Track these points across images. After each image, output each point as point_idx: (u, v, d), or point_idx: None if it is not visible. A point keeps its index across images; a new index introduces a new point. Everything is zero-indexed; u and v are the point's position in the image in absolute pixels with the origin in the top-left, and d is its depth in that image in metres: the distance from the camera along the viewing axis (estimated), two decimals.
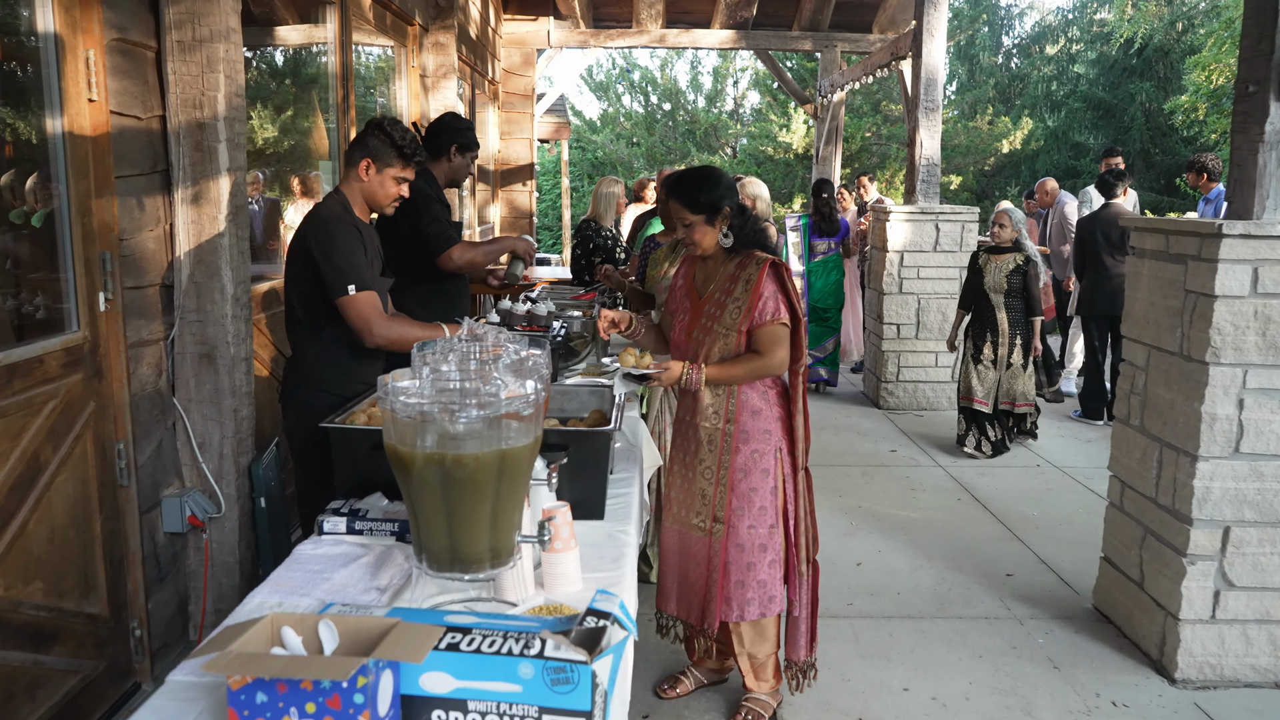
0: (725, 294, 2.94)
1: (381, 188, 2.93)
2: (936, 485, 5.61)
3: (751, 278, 2.89)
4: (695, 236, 2.94)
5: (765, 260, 2.91)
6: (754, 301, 2.87)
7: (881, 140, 18.07)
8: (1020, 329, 6.02)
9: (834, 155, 11.95)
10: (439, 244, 3.86)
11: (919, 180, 7.51)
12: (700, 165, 3.07)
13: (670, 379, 2.89)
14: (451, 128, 4.05)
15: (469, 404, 1.80)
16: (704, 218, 2.91)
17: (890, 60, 8.36)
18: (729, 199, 2.91)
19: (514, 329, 4.03)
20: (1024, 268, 5.94)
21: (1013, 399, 6.11)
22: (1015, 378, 6.08)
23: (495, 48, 10.70)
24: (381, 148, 2.89)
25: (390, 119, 2.94)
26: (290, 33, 5.32)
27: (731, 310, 2.90)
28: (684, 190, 2.94)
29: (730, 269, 2.96)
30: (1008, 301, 6.00)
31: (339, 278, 2.80)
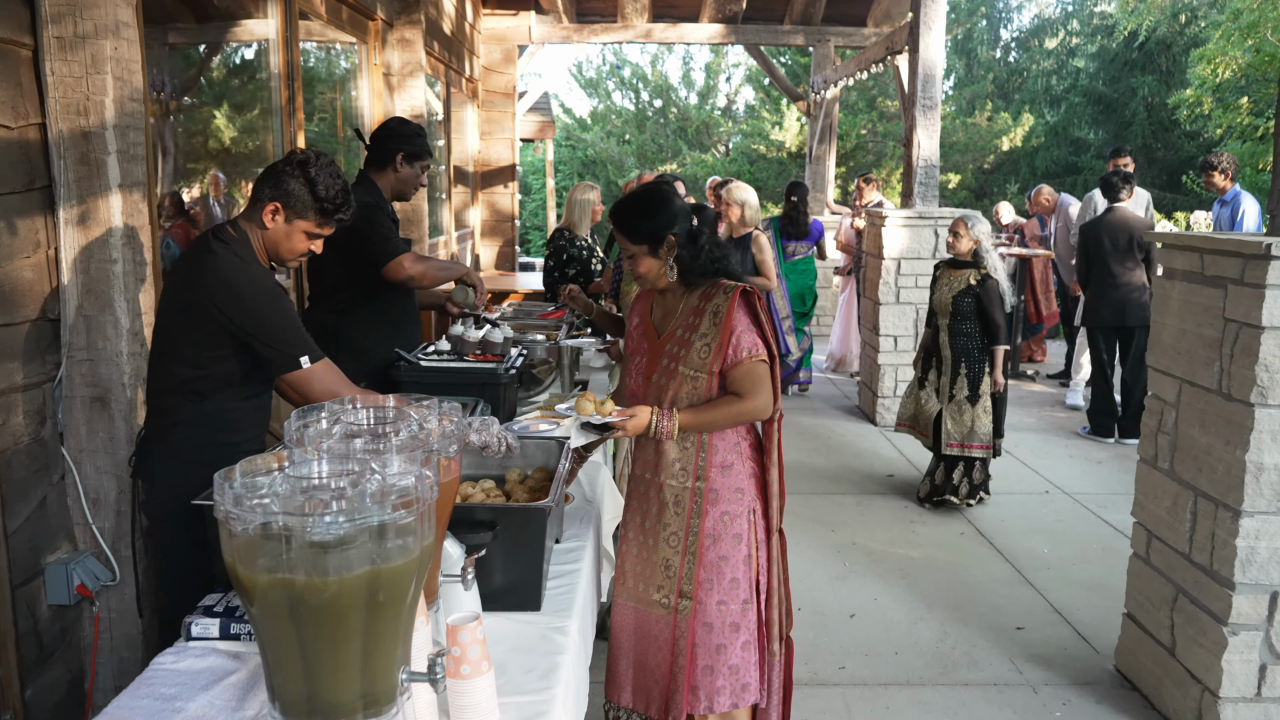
0: (690, 330, 2.51)
1: (287, 240, 2.42)
2: (938, 516, 5.17)
3: (720, 310, 2.47)
4: (639, 269, 2.54)
5: (734, 289, 2.49)
6: (726, 337, 2.45)
7: (878, 138, 17.62)
8: (967, 358, 5.05)
9: (828, 154, 11.51)
10: (386, 250, 3.43)
11: (916, 183, 7.07)
12: (646, 186, 2.64)
13: (637, 428, 2.46)
14: (398, 134, 3.60)
15: (330, 510, 1.37)
16: (646, 248, 2.51)
17: (885, 55, 7.91)
18: (675, 226, 2.49)
19: (465, 358, 3.60)
20: (976, 288, 4.99)
21: (962, 439, 5.10)
22: (962, 413, 5.07)
23: (474, 44, 10.24)
24: (299, 194, 2.36)
25: (323, 159, 2.41)
26: (226, 29, 4.88)
27: (699, 348, 2.48)
28: (623, 217, 2.54)
29: (694, 301, 2.54)
30: (952, 325, 5.09)
31: (286, 352, 2.37)
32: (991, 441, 5.12)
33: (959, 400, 5.10)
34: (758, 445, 2.63)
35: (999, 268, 5.04)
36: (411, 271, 3.45)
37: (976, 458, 5.15)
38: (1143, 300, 6.53)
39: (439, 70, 8.56)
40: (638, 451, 2.66)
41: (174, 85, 4.67)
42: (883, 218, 6.92)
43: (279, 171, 2.38)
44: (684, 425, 2.47)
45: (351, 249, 3.45)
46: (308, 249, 2.47)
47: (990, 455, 5.16)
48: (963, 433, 5.10)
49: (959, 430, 5.10)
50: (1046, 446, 6.55)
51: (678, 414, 2.47)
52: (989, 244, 5.10)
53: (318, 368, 2.40)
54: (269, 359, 2.38)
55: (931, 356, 5.28)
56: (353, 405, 1.86)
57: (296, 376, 2.38)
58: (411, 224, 7.05)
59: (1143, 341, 6.64)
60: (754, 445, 2.61)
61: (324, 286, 3.58)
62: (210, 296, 2.32)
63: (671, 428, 2.46)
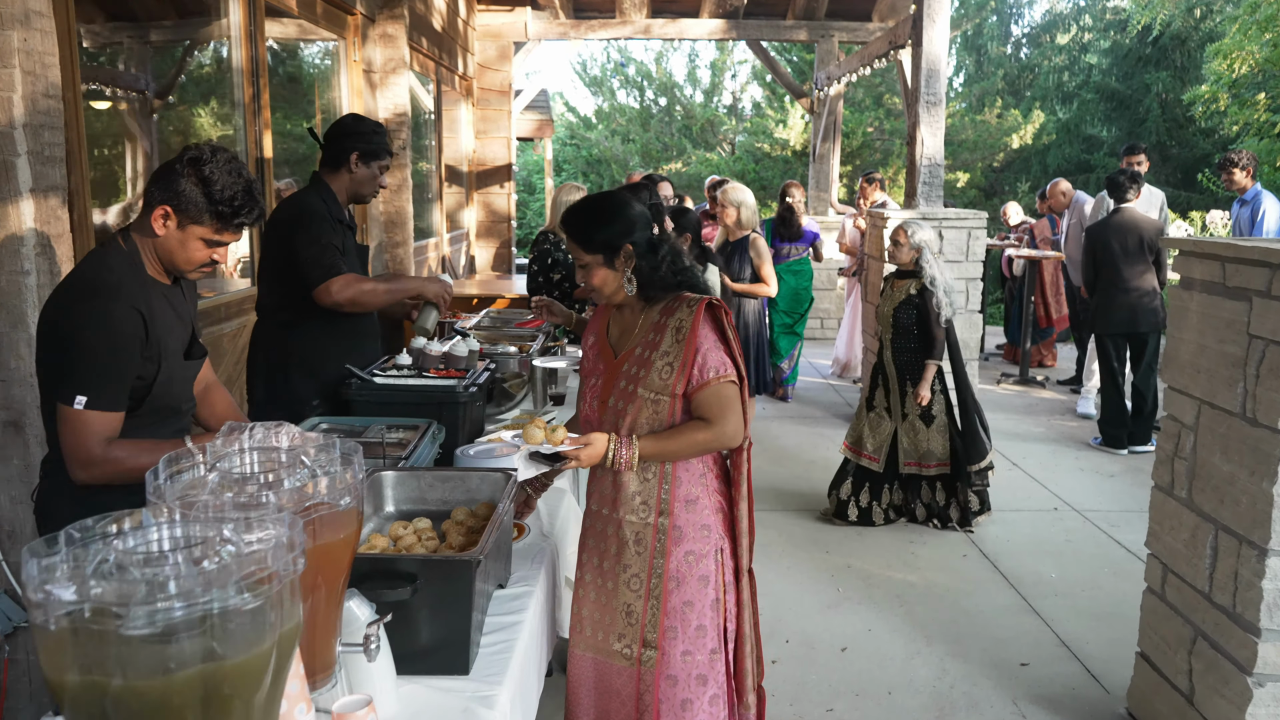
0: (650, 348, 2.25)
1: (182, 249, 2.10)
2: (939, 536, 4.89)
3: (684, 325, 2.21)
4: (594, 281, 2.28)
5: (699, 302, 2.23)
6: (690, 355, 2.19)
7: (884, 135, 17.30)
8: (911, 376, 4.82)
9: (832, 152, 11.22)
10: (315, 271, 3.17)
11: (920, 182, 6.78)
12: (603, 192, 2.40)
13: (591, 458, 2.20)
14: (351, 132, 3.34)
15: (155, 594, 1.11)
16: (601, 258, 2.26)
17: (888, 50, 7.63)
18: (633, 235, 2.24)
19: (426, 373, 3.34)
20: (916, 299, 4.74)
21: (919, 458, 4.84)
22: (915, 432, 4.82)
23: (468, 40, 10.00)
24: (191, 196, 2.05)
25: (220, 155, 2.10)
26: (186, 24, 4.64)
27: (661, 368, 2.22)
28: (576, 225, 2.28)
29: (654, 316, 2.28)
30: (895, 341, 4.84)
31: (63, 384, 2.04)
32: (947, 460, 4.84)
33: (911, 419, 4.85)
34: (725, 477, 2.37)
35: (938, 279, 4.73)
36: (339, 298, 3.17)
37: (935, 476, 4.89)
38: (1154, 305, 6.24)
39: (428, 67, 8.32)
40: (594, 484, 2.40)
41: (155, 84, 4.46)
42: (884, 218, 6.63)
43: (169, 170, 2.08)
44: (644, 454, 2.22)
45: (289, 261, 3.20)
46: (209, 258, 2.16)
47: (948, 472, 4.88)
48: (919, 451, 4.85)
49: (914, 449, 4.86)
50: (1056, 458, 6.26)
51: (637, 442, 2.21)
52: (932, 253, 4.78)
53: (92, 414, 2.03)
54: (48, 385, 2.10)
55: (878, 374, 5.02)
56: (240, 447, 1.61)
57: (60, 413, 2.04)
58: (395, 225, 6.80)
59: (1155, 347, 6.35)
60: (721, 476, 2.36)
61: (271, 298, 3.33)
62: (61, 318, 2.06)
63: (630, 457, 2.21)
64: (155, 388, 2.14)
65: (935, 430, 4.82)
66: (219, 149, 2.14)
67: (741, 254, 5.94)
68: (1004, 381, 8.61)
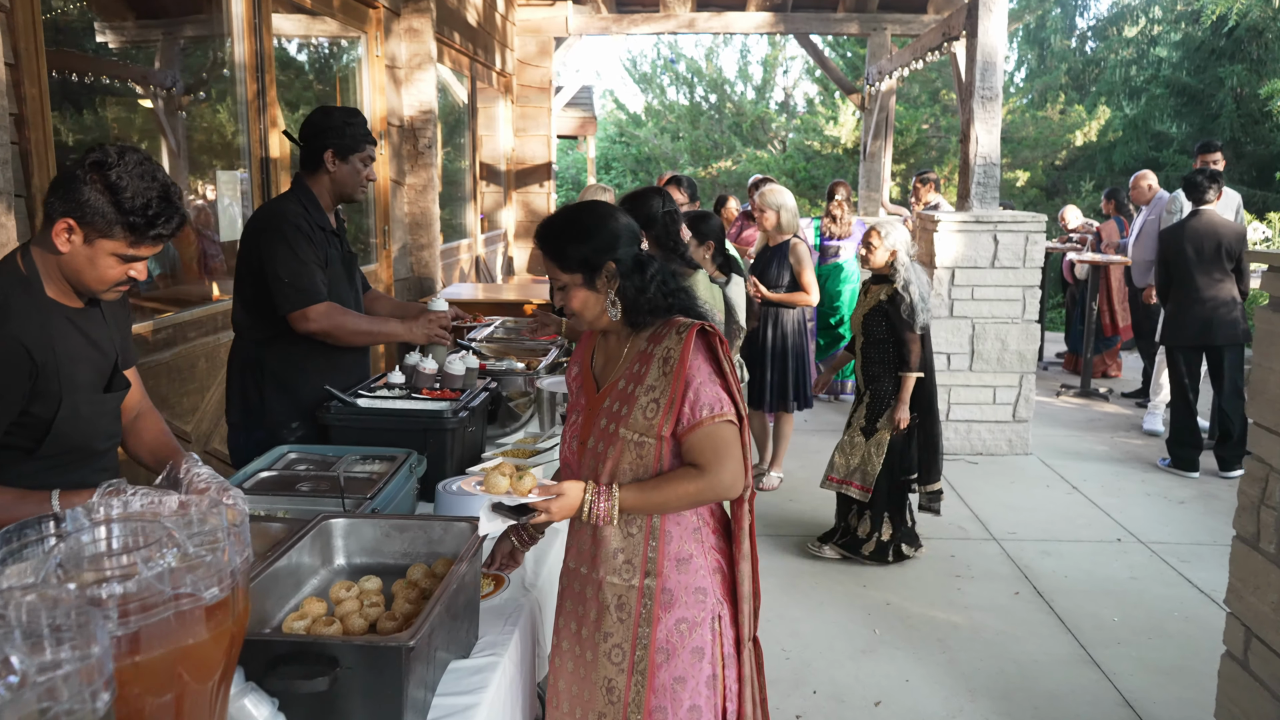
0: (634, 381, 1.93)
1: (91, 267, 1.83)
2: (989, 568, 4.49)
3: (672, 355, 1.89)
4: (573, 304, 1.96)
5: (689, 328, 1.90)
6: (679, 390, 1.87)
7: (940, 133, 16.71)
8: (874, 387, 4.40)
9: (883, 150, 10.77)
10: (292, 295, 2.90)
11: (974, 182, 6.35)
12: (583, 201, 2.08)
13: (565, 510, 1.88)
14: (322, 127, 3.04)
15: None
16: (580, 278, 1.93)
17: (942, 42, 7.19)
18: (617, 251, 1.92)
19: (418, 394, 3.06)
20: (886, 305, 4.31)
21: (844, 475, 4.45)
22: (853, 445, 4.44)
23: (506, 36, 9.74)
24: (98, 206, 1.77)
25: (129, 156, 1.81)
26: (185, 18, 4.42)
27: (645, 406, 1.90)
28: (550, 239, 1.96)
29: (640, 345, 1.96)
30: (864, 350, 4.46)
31: None
32: (871, 484, 4.39)
33: (855, 429, 4.46)
34: (725, 530, 2.04)
35: (914, 282, 4.30)
36: (314, 327, 2.93)
37: (853, 499, 4.47)
38: (1232, 316, 5.75)
39: (462, 63, 8.07)
40: (572, 536, 2.08)
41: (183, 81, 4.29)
42: (934, 221, 6.22)
43: (70, 178, 1.79)
44: (626, 506, 1.89)
45: (263, 276, 2.93)
46: (124, 276, 1.88)
47: (869, 498, 4.43)
48: (847, 467, 4.45)
49: (845, 463, 4.46)
50: (1119, 481, 5.80)
51: (618, 491, 1.89)
52: (908, 255, 4.35)
53: None
54: None
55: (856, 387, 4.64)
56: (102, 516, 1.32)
57: None
58: (420, 227, 6.56)
59: (1235, 362, 5.85)
60: (720, 530, 2.03)
61: (246, 315, 3.06)
62: None
63: (608, 510, 1.89)
64: (57, 426, 1.87)
65: (872, 446, 4.40)
66: (128, 149, 1.84)
67: (781, 260, 5.58)
68: (1064, 393, 8.11)
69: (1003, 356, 6.28)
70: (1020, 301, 6.24)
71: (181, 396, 3.78)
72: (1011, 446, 6.35)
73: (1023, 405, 6.33)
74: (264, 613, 1.78)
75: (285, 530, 2.02)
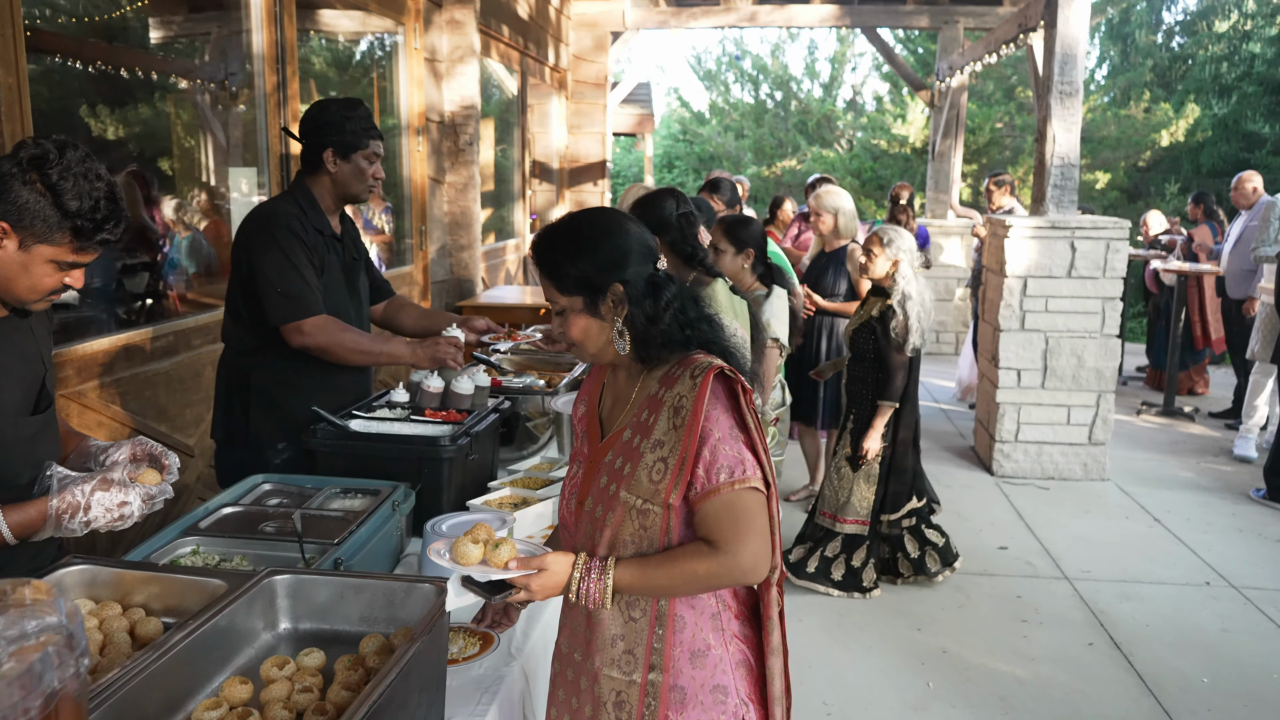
0: (641, 432, 1.59)
1: (25, 274, 1.62)
2: (1060, 611, 4.06)
3: (684, 404, 1.55)
4: (572, 332, 1.63)
5: (705, 370, 1.55)
6: (690, 448, 1.53)
7: (1015, 132, 16.01)
8: (858, 410, 4.07)
9: (953, 149, 10.25)
10: (284, 305, 2.64)
11: (1050, 185, 5.88)
12: (590, 208, 1.75)
13: (548, 589, 1.56)
14: (319, 124, 2.76)
15: None
16: (581, 302, 1.61)
17: (1018, 34, 6.71)
18: (626, 270, 1.59)
19: (413, 417, 2.77)
20: (875, 323, 3.96)
21: (836, 510, 4.11)
22: (840, 477, 4.10)
23: (560, 30, 9.48)
24: (36, 208, 1.57)
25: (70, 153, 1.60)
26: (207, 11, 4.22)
27: (651, 465, 1.56)
28: (546, 253, 1.63)
29: (651, 386, 1.63)
30: (851, 367, 4.14)
31: None
32: (869, 517, 4.08)
33: (840, 459, 4.11)
34: (751, 615, 1.68)
35: (912, 298, 3.90)
36: (310, 341, 2.66)
37: (850, 534, 4.12)
38: None
39: (511, 57, 7.81)
40: (565, 615, 1.76)
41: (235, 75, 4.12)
42: (1006, 226, 5.76)
43: (2, 176, 1.56)
44: (622, 587, 1.56)
45: (252, 283, 2.67)
46: (59, 284, 1.66)
47: (867, 531, 4.10)
48: (837, 501, 4.11)
49: (834, 497, 4.13)
50: (1207, 514, 5.29)
51: (613, 568, 1.55)
52: (910, 266, 3.95)
53: None
54: None
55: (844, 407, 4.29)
56: None
57: None
58: (460, 227, 6.31)
59: None
60: (745, 615, 1.67)
61: (235, 324, 2.81)
62: None
63: (601, 592, 1.55)
64: None
65: (861, 478, 4.06)
66: (68, 144, 1.61)
67: (837, 266, 5.19)
68: (1145, 412, 7.55)
69: (1078, 374, 5.80)
70: (1099, 314, 5.75)
71: (184, 408, 3.55)
72: (1087, 471, 5.87)
73: (1100, 427, 5.84)
74: (176, 695, 1.50)
75: (225, 587, 1.74)
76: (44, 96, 6.18)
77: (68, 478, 1.71)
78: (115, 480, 1.72)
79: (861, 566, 4.17)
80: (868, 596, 4.16)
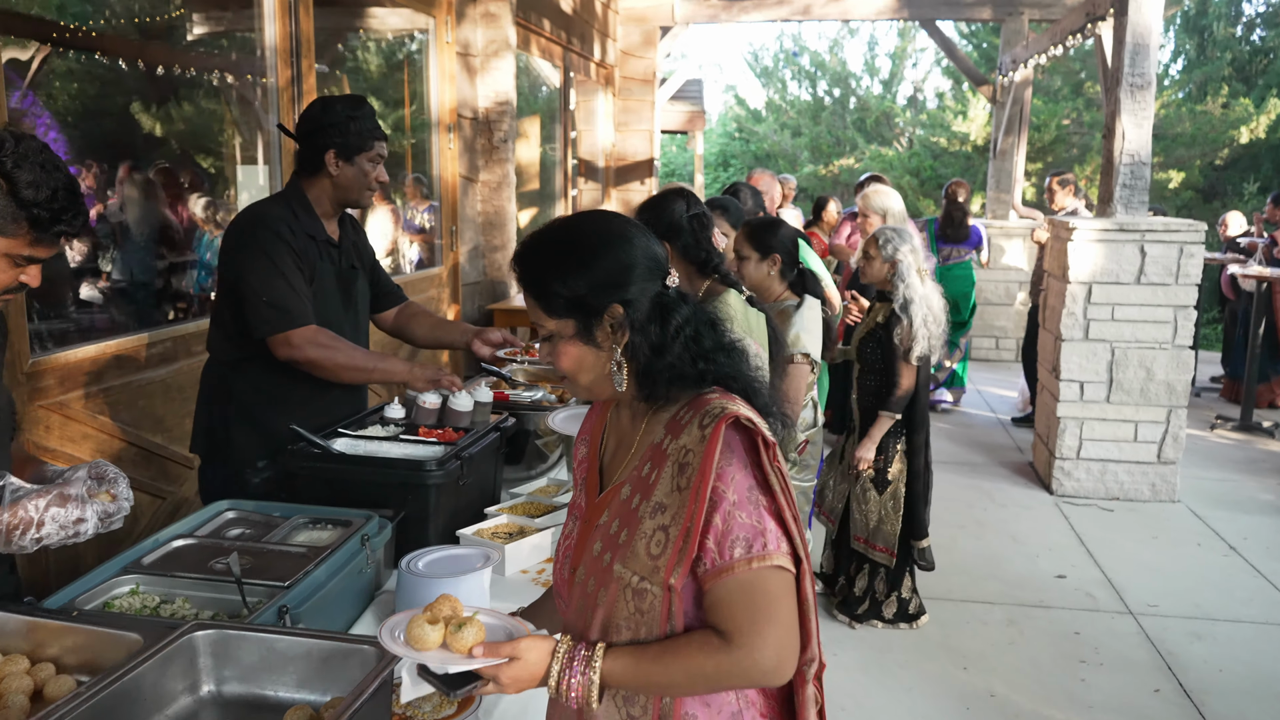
0: (641, 490, 1.32)
1: None
2: (1122, 651, 3.71)
3: (691, 459, 1.26)
4: (562, 362, 1.35)
5: (718, 418, 1.27)
6: (696, 515, 1.24)
7: (1082, 129, 15.37)
8: (872, 423, 3.76)
9: (1016, 147, 9.80)
10: (271, 315, 2.45)
11: (1118, 184, 5.48)
12: (583, 213, 1.47)
13: (521, 681, 1.28)
14: (321, 124, 2.57)
15: None
16: (572, 326, 1.33)
17: (1085, 23, 6.31)
18: (628, 287, 1.32)
19: (410, 434, 2.57)
20: (880, 331, 3.70)
21: (867, 535, 3.79)
22: (867, 500, 3.78)
23: (607, 25, 9.25)
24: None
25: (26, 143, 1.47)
26: None
27: (652, 535, 1.28)
28: (530, 268, 1.36)
29: (655, 432, 1.34)
30: (860, 379, 3.85)
31: None
32: (894, 545, 3.75)
33: (864, 481, 3.78)
34: (783, 714, 1.37)
35: (915, 301, 3.58)
36: (299, 355, 2.47)
37: (879, 563, 3.81)
38: None
39: (553, 52, 7.60)
40: (550, 710, 1.50)
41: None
42: (1069, 229, 5.38)
43: None
44: (613, 682, 1.28)
45: (236, 291, 2.48)
46: (14, 281, 1.54)
47: (894, 562, 3.78)
48: (868, 527, 3.79)
49: (864, 521, 3.81)
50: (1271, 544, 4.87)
51: (601, 658, 1.27)
52: (909, 266, 3.62)
53: None
54: None
55: (850, 420, 4.00)
56: None
57: None
58: (494, 227, 6.11)
59: None
60: (775, 713, 1.37)
61: (218, 332, 2.62)
62: None
63: (586, 687, 1.27)
64: None
65: (888, 499, 3.75)
66: (22, 136, 1.49)
67: None
68: (1220, 427, 7.07)
69: (1147, 387, 5.39)
70: (1170, 324, 5.34)
71: (183, 418, 3.38)
72: (1155, 492, 5.46)
73: (1170, 444, 5.43)
74: None
75: (141, 642, 1.53)
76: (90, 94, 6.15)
77: (20, 490, 1.56)
78: (72, 496, 1.56)
79: (910, 596, 3.88)
80: (915, 625, 3.87)
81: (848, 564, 3.92)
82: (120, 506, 1.69)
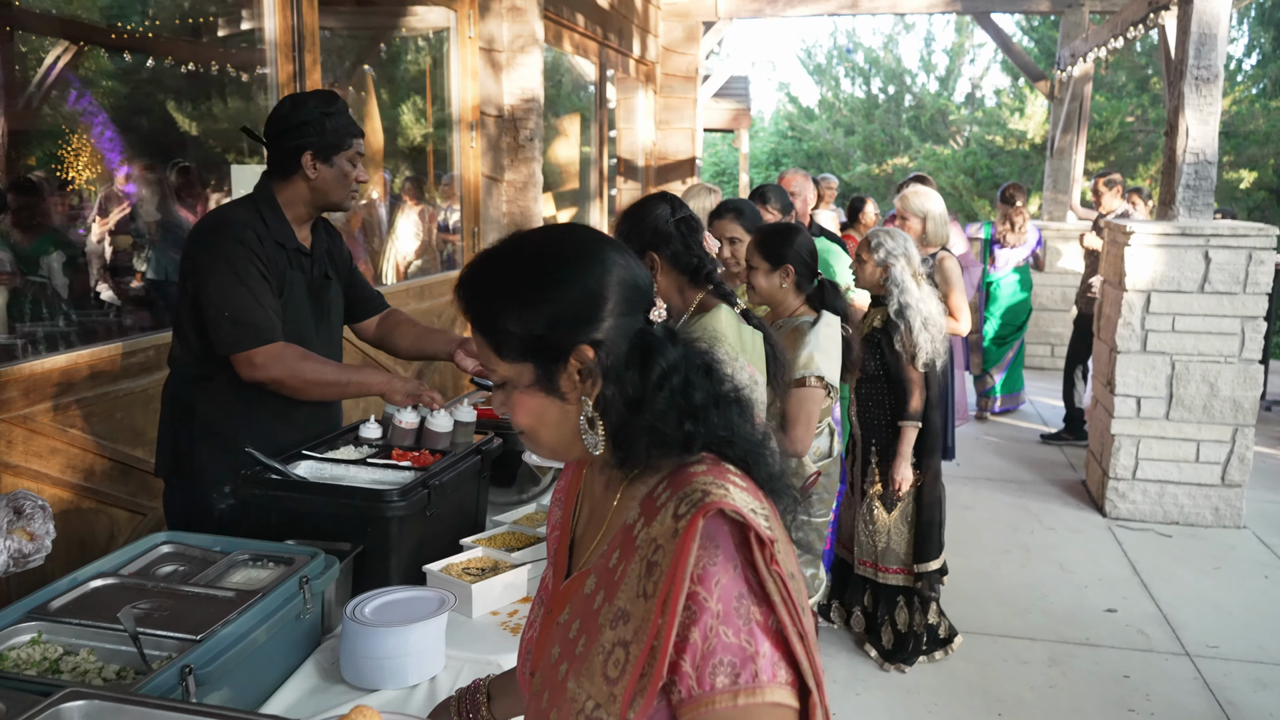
0: (606, 586, 1.02)
1: None
2: (1178, 700, 3.38)
3: (660, 557, 0.95)
4: (519, 417, 1.08)
5: (696, 507, 0.95)
6: (664, 629, 0.92)
7: (1147, 126, 14.76)
8: (877, 440, 3.52)
9: (1075, 145, 9.36)
10: (233, 331, 2.27)
11: (1180, 184, 5.10)
12: (547, 228, 1.16)
13: None
14: (294, 122, 2.36)
15: None
16: (532, 371, 1.05)
17: (1148, 12, 5.92)
18: (596, 326, 1.04)
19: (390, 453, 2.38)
20: (879, 336, 3.46)
21: (875, 558, 3.54)
22: (874, 519, 3.52)
23: (648, 20, 9.02)
24: None
25: None
26: None
27: (611, 647, 0.97)
28: (475, 299, 1.09)
29: (629, 509, 1.04)
30: (859, 389, 3.58)
31: None
32: (909, 564, 3.49)
33: (870, 500, 3.52)
34: None
35: (911, 305, 3.32)
36: (263, 374, 2.29)
37: (896, 585, 3.54)
38: None
39: (588, 48, 7.39)
40: None
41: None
42: (1126, 233, 5.02)
43: None
44: None
45: (196, 304, 2.30)
46: None
47: (916, 584, 3.52)
48: (875, 548, 3.52)
49: (870, 543, 3.54)
50: None
51: None
52: (903, 270, 3.37)
53: None
54: None
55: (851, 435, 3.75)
56: None
57: None
58: (519, 229, 5.90)
59: None
60: None
61: (180, 346, 2.44)
62: None
63: None
64: None
65: (898, 518, 3.49)
66: None
67: None
68: None
69: (1210, 404, 5.01)
70: (1237, 335, 4.95)
71: None
72: (1218, 517, 5.07)
73: (1235, 466, 5.04)
74: None
75: (4, 712, 1.34)
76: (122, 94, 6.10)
77: None
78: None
79: (939, 620, 3.60)
80: (949, 650, 3.59)
81: (859, 593, 3.65)
82: (40, 545, 1.52)
